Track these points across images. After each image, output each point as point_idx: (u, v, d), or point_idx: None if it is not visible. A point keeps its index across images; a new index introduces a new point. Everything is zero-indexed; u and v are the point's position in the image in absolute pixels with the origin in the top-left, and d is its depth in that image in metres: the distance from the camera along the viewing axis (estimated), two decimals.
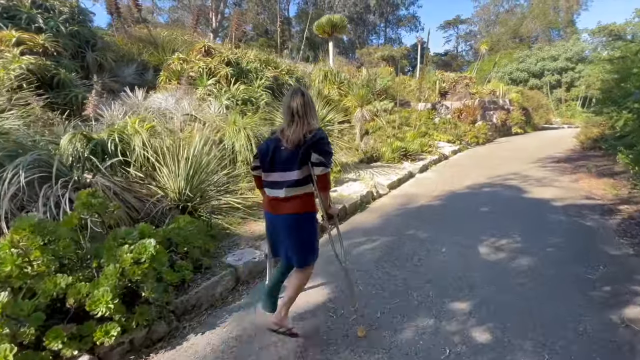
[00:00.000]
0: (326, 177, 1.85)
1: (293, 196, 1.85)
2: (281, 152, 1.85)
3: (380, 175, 6.33)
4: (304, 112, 1.83)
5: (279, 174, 1.87)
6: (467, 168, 7.29)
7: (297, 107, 1.83)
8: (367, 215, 4.41)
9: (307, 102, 1.86)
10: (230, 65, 8.81)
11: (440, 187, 5.67)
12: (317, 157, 1.79)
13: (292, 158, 1.82)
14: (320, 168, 1.81)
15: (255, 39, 32.72)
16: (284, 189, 1.84)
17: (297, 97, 1.86)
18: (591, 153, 7.98)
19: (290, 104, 1.85)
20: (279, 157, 1.86)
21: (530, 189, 5.27)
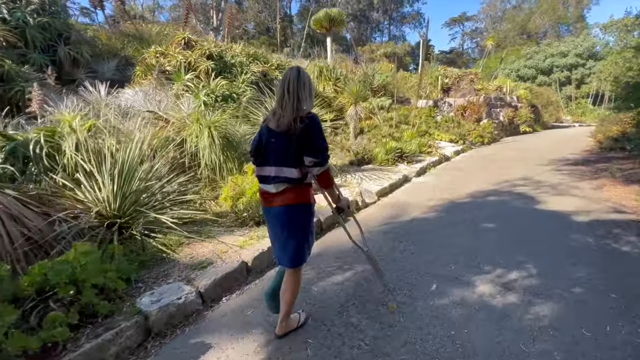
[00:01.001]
0: (326, 174, 1.71)
1: (285, 189, 1.70)
2: (272, 143, 1.69)
3: (371, 179, 5.51)
4: (296, 90, 1.62)
5: (272, 169, 1.71)
6: (470, 171, 6.42)
7: (289, 83, 1.63)
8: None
9: (301, 81, 1.64)
10: (212, 59, 8.06)
11: (437, 195, 4.82)
12: (310, 160, 1.64)
13: (286, 152, 1.65)
14: (317, 168, 1.67)
15: (257, 37, 32.06)
16: (275, 184, 1.70)
17: (292, 74, 1.65)
18: (611, 154, 7.03)
19: (283, 81, 1.66)
20: (270, 149, 1.70)
21: (544, 198, 4.40)
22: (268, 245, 3.01)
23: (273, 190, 1.72)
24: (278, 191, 1.71)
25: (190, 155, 4.50)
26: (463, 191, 4.94)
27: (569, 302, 2.16)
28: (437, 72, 12.53)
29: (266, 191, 1.78)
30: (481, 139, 9.92)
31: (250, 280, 2.71)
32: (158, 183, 3.39)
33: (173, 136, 4.62)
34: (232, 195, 4.00)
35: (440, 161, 7.57)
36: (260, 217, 3.56)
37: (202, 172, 4.44)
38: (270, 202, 1.77)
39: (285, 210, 1.73)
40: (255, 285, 2.62)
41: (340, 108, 9.74)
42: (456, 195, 4.74)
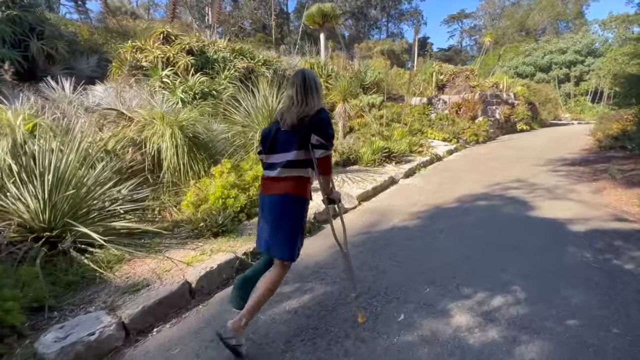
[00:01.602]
0: (327, 160, 1.74)
1: (286, 177, 1.74)
2: (281, 134, 1.77)
3: (354, 182, 5.11)
4: (303, 94, 1.71)
5: (278, 156, 1.77)
6: (461, 172, 6.01)
7: (296, 88, 1.72)
8: (316, 243, 3.21)
9: (308, 84, 1.73)
10: (193, 54, 7.64)
11: (423, 200, 4.42)
12: (317, 139, 1.67)
13: (292, 140, 1.72)
14: (321, 151, 1.69)
15: (253, 34, 31.58)
16: (278, 169, 1.75)
17: (297, 79, 1.75)
18: (611, 153, 6.62)
19: (290, 85, 1.76)
20: (279, 139, 1.78)
21: (538, 203, 3.99)
22: (221, 261, 2.63)
23: (274, 175, 1.75)
24: (280, 176, 1.74)
25: (151, 158, 4.09)
26: (451, 195, 4.54)
27: (561, 340, 1.76)
28: (432, 68, 12.08)
29: (268, 176, 1.81)
30: (476, 138, 9.50)
31: (194, 304, 2.32)
32: (101, 190, 2.99)
33: (134, 136, 4.22)
34: (194, 202, 3.61)
35: (431, 161, 7.16)
36: (219, 226, 3.17)
37: (165, 175, 4.04)
38: (269, 189, 1.79)
39: (283, 200, 1.74)
40: (198, 312, 2.23)
41: (332, 106, 9.31)
42: (443, 200, 4.34)
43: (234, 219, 3.39)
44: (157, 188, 3.90)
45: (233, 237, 3.11)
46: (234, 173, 4.05)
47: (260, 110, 4.91)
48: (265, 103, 4.93)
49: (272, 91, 5.26)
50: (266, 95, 5.12)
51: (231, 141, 4.92)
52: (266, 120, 4.89)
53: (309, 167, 1.75)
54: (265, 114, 4.88)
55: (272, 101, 5.16)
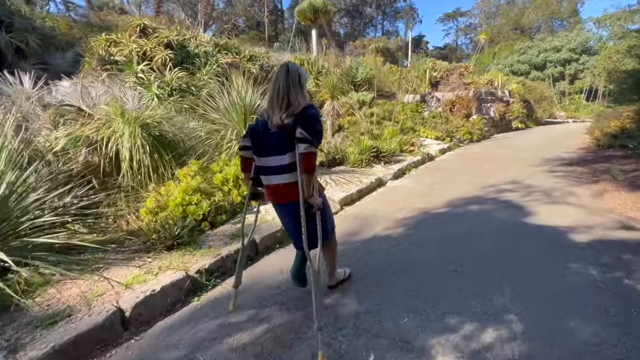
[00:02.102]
0: (310, 156, 1.59)
1: (291, 182, 1.67)
2: (271, 135, 1.66)
3: (338, 184, 4.72)
4: (285, 89, 1.61)
5: (271, 159, 1.68)
6: (454, 173, 5.63)
7: (279, 84, 1.63)
8: (286, 256, 2.82)
9: (291, 78, 1.62)
10: (172, 48, 7.19)
11: (411, 204, 4.04)
12: (301, 132, 1.57)
13: (283, 141, 1.63)
14: (304, 145, 1.56)
15: (247, 31, 31.03)
16: (279, 174, 1.68)
17: (281, 74, 1.64)
18: (610, 152, 6.27)
19: (272, 82, 1.67)
20: (270, 141, 1.67)
21: (535, 208, 3.62)
22: (166, 282, 2.22)
23: (283, 182, 1.69)
24: (286, 182, 1.68)
25: (109, 159, 3.67)
26: (441, 198, 4.16)
27: None
28: (425, 65, 11.69)
29: (270, 185, 1.75)
30: (470, 136, 9.14)
31: (126, 337, 1.92)
32: (33, 197, 2.56)
33: (91, 135, 3.79)
34: (152, 209, 3.20)
35: (423, 161, 6.78)
36: (175, 238, 2.76)
37: (124, 179, 3.62)
38: (281, 197, 1.76)
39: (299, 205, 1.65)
40: (128, 348, 1.83)
41: (322, 103, 8.90)
42: (432, 204, 3.95)
43: (194, 229, 2.99)
44: (114, 193, 3.48)
45: (190, 250, 2.70)
46: (201, 176, 3.65)
47: (234, 107, 4.49)
48: (239, 100, 4.51)
49: (248, 86, 4.85)
50: (241, 91, 4.70)
51: (204, 140, 4.51)
52: (241, 117, 4.48)
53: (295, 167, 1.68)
54: (239, 111, 4.47)
55: (248, 97, 4.74)
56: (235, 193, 3.61)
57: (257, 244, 2.93)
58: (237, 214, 3.50)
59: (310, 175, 1.64)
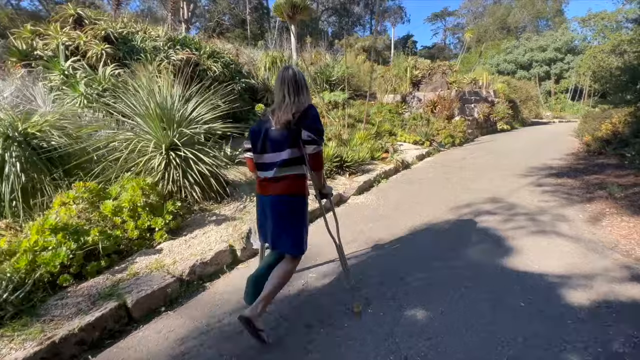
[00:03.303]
0: (318, 155, 1.70)
1: (283, 176, 1.72)
2: (272, 132, 1.71)
3: None
4: (295, 90, 1.69)
5: (271, 155, 1.73)
6: (428, 186, 4.82)
7: (288, 85, 1.69)
8: (180, 324, 1.94)
9: (298, 80, 1.71)
10: (111, 41, 6.21)
11: (368, 231, 3.19)
12: (308, 134, 1.65)
13: (283, 138, 1.68)
14: (312, 146, 1.67)
15: (232, 29, 29.91)
16: (275, 169, 1.71)
17: (288, 77, 1.70)
18: (602, 160, 5.53)
19: (281, 83, 1.71)
20: (270, 138, 1.72)
21: (518, 242, 2.80)
22: None
23: (271, 175, 1.72)
24: (277, 176, 1.71)
25: None
26: (405, 223, 3.32)
27: None
28: (406, 63, 10.88)
29: (265, 178, 1.77)
30: (451, 140, 8.36)
31: None
32: None
33: None
34: None
35: (396, 170, 5.95)
36: (20, 302, 1.86)
37: None
38: (267, 190, 1.76)
39: (283, 199, 1.73)
40: None
41: None
42: (392, 233, 3.11)
43: (44, 287, 2.09)
44: None
45: (15, 328, 1.80)
46: (90, 202, 2.74)
47: (152, 112, 3.56)
48: (153, 103, 3.57)
49: (172, 87, 3.94)
50: (161, 92, 3.78)
51: (113, 152, 3.57)
52: (157, 125, 3.55)
53: (303, 164, 1.74)
54: (154, 115, 3.53)
55: (171, 101, 3.83)
56: (132, 226, 2.70)
57: (129, 308, 2.03)
58: (129, 254, 2.60)
59: (319, 171, 1.78)
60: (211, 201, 3.85)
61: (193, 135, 3.88)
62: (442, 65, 11.89)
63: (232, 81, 8.45)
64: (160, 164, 3.49)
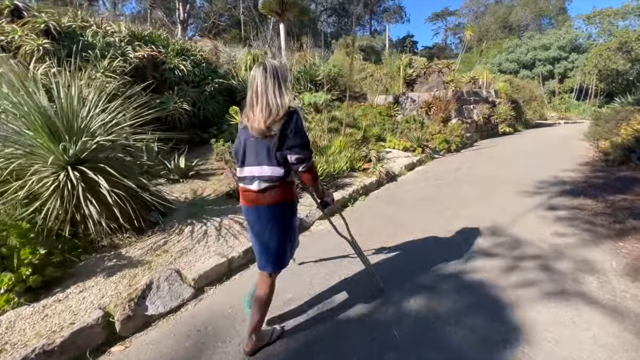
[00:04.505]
0: (310, 170, 1.57)
1: (266, 187, 1.53)
2: (252, 142, 1.53)
3: (225, 236, 2.95)
4: (264, 88, 1.47)
5: (252, 169, 1.54)
6: (410, 209, 3.87)
7: (257, 82, 1.49)
8: None
9: (269, 78, 1.48)
10: (52, 36, 5.35)
11: (314, 286, 2.28)
12: (295, 157, 1.49)
13: (267, 150, 1.49)
14: (302, 165, 1.52)
15: (228, 30, 29.13)
16: (256, 182, 1.53)
17: (258, 73, 1.50)
18: (626, 172, 4.53)
19: (250, 82, 1.53)
20: (249, 148, 1.55)
21: (526, 316, 1.83)
22: None
23: (255, 189, 1.55)
24: (260, 189, 1.54)
25: None
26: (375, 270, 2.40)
27: None
28: (399, 61, 9.90)
29: (248, 189, 1.59)
30: (447, 145, 7.39)
31: None
32: None
33: None
34: None
35: (379, 183, 5.01)
36: None
37: None
38: (252, 201, 1.58)
39: (269, 210, 1.56)
40: None
41: None
42: (351, 289, 2.19)
43: None
44: None
45: None
46: None
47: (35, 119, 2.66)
48: (34, 108, 2.67)
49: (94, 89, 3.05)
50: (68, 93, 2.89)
51: None
52: (43, 137, 2.65)
53: (290, 172, 1.56)
54: (37, 125, 2.63)
55: (89, 105, 2.94)
56: None
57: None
58: None
59: (315, 182, 1.66)
60: (127, 233, 2.96)
61: (107, 147, 2.99)
62: (439, 63, 10.90)
63: (204, 81, 7.57)
64: (47, 188, 2.60)
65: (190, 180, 4.82)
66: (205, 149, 6.35)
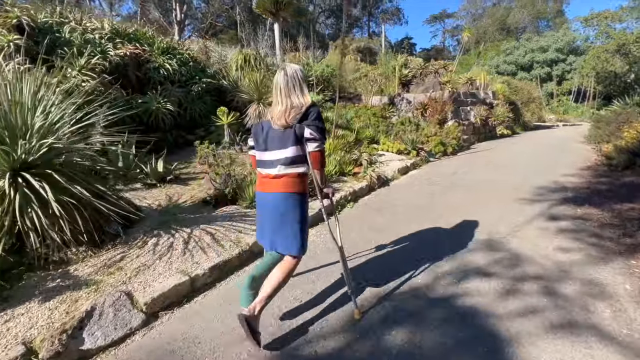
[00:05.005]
0: (320, 153, 1.68)
1: (284, 174, 1.68)
2: (274, 131, 1.69)
3: (192, 250, 2.63)
4: (287, 91, 1.67)
5: (273, 153, 1.69)
6: (401, 218, 3.55)
7: (280, 86, 1.68)
8: None
9: (290, 80, 1.67)
10: (25, 32, 5.04)
11: (288, 304, 1.97)
12: (310, 132, 1.63)
13: (285, 137, 1.65)
14: (315, 144, 1.64)
15: (226, 31, 28.87)
16: (278, 166, 1.67)
17: (280, 76, 1.70)
18: (631, 178, 4.23)
19: (274, 87, 1.73)
20: (272, 136, 1.69)
21: (529, 354, 1.56)
22: None
23: (274, 173, 1.68)
24: (279, 174, 1.67)
25: None
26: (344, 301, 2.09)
27: None
28: (394, 61, 9.61)
29: (266, 174, 1.72)
30: (443, 148, 7.09)
31: None
32: None
33: None
34: None
35: (370, 188, 4.71)
36: None
37: None
38: (267, 187, 1.72)
39: (283, 197, 1.68)
40: None
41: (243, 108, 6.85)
42: (327, 316, 1.88)
43: None
44: None
45: None
46: None
47: None
48: None
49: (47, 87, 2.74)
50: None
51: None
52: None
53: (305, 162, 1.71)
54: None
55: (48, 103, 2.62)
56: None
57: None
58: None
59: (322, 169, 1.74)
60: (84, 247, 2.64)
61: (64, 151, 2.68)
62: (435, 64, 10.62)
63: (191, 81, 7.26)
64: None
65: (168, 185, 4.51)
66: (189, 151, 6.04)
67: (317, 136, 1.62)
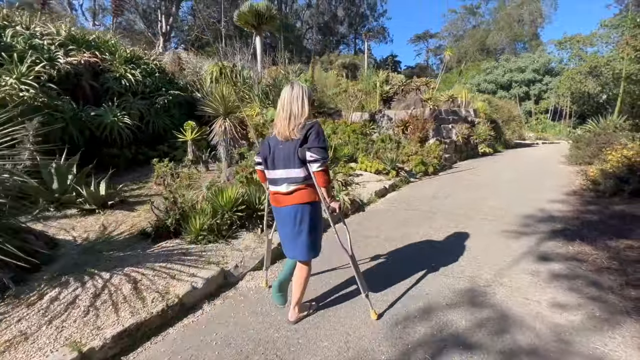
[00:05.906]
0: (323, 172, 1.72)
1: (295, 189, 1.78)
2: (280, 149, 1.79)
3: (101, 308, 2.02)
4: (289, 100, 1.76)
5: (281, 172, 1.80)
6: (376, 247, 3.07)
7: (284, 101, 1.77)
8: None
9: (294, 96, 1.76)
10: None
11: None
12: (311, 155, 1.69)
13: (292, 155, 1.74)
14: (317, 164, 1.70)
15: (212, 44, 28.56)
16: (285, 184, 1.79)
17: (286, 92, 1.79)
18: (621, 206, 3.89)
19: (280, 97, 1.80)
20: (278, 154, 1.80)
21: None
22: None
23: (284, 190, 1.79)
24: (289, 191, 1.78)
25: None
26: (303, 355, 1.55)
27: None
28: (376, 77, 9.36)
29: (278, 192, 1.83)
30: (424, 168, 6.72)
31: None
32: None
33: None
34: None
35: (344, 215, 4.21)
36: None
37: None
38: (281, 202, 1.83)
39: (296, 209, 1.78)
40: None
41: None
42: None
43: None
44: None
45: None
46: None
47: None
48: None
49: None
50: None
51: None
52: None
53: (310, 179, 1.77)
54: None
55: None
56: None
57: None
58: None
59: (327, 186, 1.76)
60: None
61: None
62: (417, 81, 10.46)
63: (157, 93, 6.71)
64: None
65: (110, 210, 3.88)
66: (150, 169, 5.42)
67: (318, 157, 1.67)
